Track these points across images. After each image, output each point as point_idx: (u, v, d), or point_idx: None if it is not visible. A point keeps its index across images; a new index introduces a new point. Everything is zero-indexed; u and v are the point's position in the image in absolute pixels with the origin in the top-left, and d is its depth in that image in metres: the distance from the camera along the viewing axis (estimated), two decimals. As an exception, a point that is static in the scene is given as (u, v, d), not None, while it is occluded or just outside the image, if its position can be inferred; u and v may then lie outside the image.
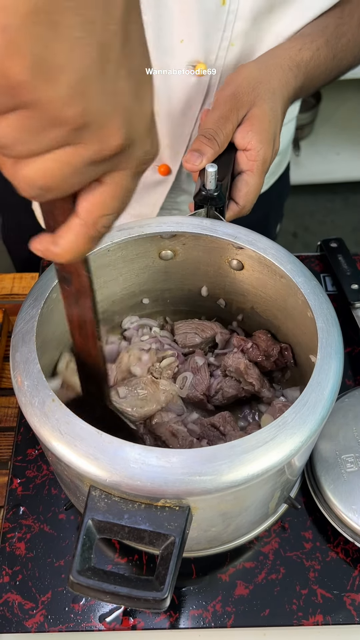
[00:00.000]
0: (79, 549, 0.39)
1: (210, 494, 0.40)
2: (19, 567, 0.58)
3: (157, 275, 0.62)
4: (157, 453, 0.41)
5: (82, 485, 0.44)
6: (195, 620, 0.55)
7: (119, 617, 0.55)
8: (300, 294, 0.52)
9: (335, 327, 0.50)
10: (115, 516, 0.40)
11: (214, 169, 0.56)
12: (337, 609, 0.55)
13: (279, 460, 0.42)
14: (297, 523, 0.60)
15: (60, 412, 0.43)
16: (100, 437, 0.41)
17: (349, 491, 0.57)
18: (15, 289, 0.84)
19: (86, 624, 0.55)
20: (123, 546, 0.59)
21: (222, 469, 0.40)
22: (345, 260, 0.80)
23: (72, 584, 0.38)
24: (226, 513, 0.47)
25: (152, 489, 0.40)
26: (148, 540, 0.40)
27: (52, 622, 0.55)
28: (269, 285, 0.57)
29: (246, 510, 0.49)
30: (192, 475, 0.40)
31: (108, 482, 0.40)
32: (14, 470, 0.64)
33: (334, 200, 2.19)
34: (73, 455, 0.41)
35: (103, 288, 0.60)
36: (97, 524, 0.40)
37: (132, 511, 0.40)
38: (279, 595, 0.56)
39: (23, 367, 0.46)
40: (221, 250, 0.58)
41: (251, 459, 0.41)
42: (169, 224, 0.56)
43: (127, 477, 0.40)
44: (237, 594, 0.56)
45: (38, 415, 0.43)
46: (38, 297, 0.50)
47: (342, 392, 0.66)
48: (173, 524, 0.40)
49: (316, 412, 0.44)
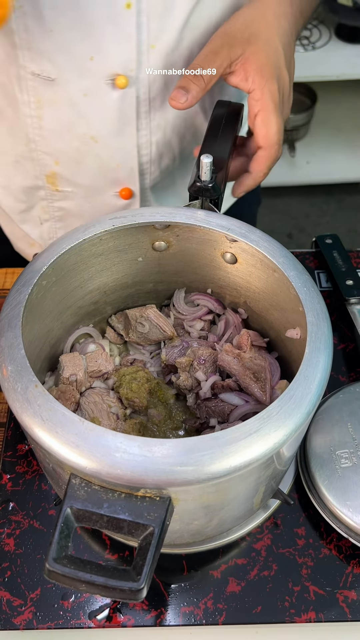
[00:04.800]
0: (56, 537, 0.38)
1: (191, 485, 0.40)
2: (7, 563, 0.57)
3: (150, 267, 0.61)
4: (139, 442, 0.40)
5: (63, 473, 0.43)
6: (186, 617, 0.54)
7: (109, 614, 0.54)
8: (292, 288, 0.51)
9: (325, 322, 0.49)
10: (94, 505, 0.40)
11: (209, 159, 0.55)
12: (329, 606, 0.55)
13: (262, 453, 0.41)
14: (290, 519, 0.60)
15: (43, 399, 0.42)
16: (82, 425, 0.41)
17: (343, 487, 0.57)
18: (7, 284, 0.83)
19: (75, 621, 0.54)
20: (114, 542, 0.58)
21: (204, 460, 0.40)
22: (340, 256, 0.79)
23: (47, 571, 0.38)
24: (209, 506, 0.46)
25: (132, 478, 0.39)
26: (127, 530, 0.39)
27: (40, 619, 0.54)
28: (262, 279, 0.57)
29: (229, 504, 0.48)
30: (173, 465, 0.40)
31: (88, 470, 0.40)
32: (4, 465, 0.63)
33: (329, 201, 2.19)
34: (54, 442, 0.41)
35: (94, 278, 0.59)
36: (75, 512, 0.40)
37: (111, 500, 0.40)
38: (272, 592, 0.56)
39: (7, 352, 0.45)
40: (215, 243, 0.57)
41: (234, 451, 0.41)
42: (162, 214, 0.55)
43: (107, 466, 0.39)
44: (229, 591, 0.56)
45: (20, 401, 0.43)
46: (26, 283, 0.50)
47: (337, 388, 0.66)
48: (153, 514, 0.39)
49: (302, 406, 0.44)
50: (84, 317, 0.63)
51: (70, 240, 0.53)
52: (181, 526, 0.48)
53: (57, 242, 0.53)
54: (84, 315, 0.62)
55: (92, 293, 0.60)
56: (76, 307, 0.61)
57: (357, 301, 0.74)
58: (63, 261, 0.53)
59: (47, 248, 0.53)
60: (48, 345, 0.59)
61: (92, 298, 0.61)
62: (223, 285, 0.62)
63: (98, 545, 0.58)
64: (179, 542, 0.53)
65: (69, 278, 0.56)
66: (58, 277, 0.54)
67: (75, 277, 0.57)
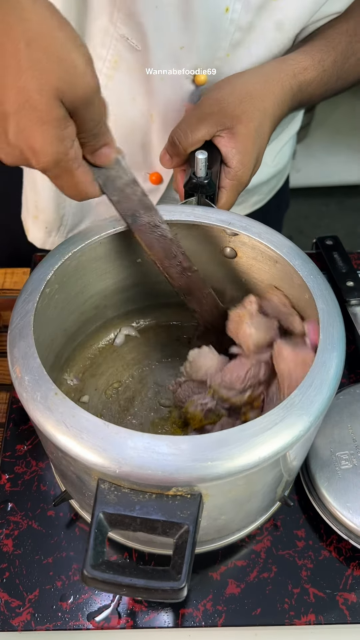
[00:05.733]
0: (92, 543, 0.38)
1: (222, 479, 0.40)
2: (5, 564, 0.57)
3: (150, 268, 0.61)
4: (166, 441, 0.40)
5: (89, 480, 0.43)
6: (185, 619, 0.54)
7: (108, 615, 0.54)
8: (297, 277, 0.51)
9: (336, 309, 0.49)
10: (126, 508, 0.39)
11: (204, 156, 0.55)
12: (329, 608, 0.55)
13: (289, 441, 0.41)
14: (290, 521, 0.59)
15: (65, 406, 0.42)
16: (107, 428, 0.41)
17: (343, 488, 0.57)
18: (6, 284, 0.83)
19: (74, 623, 0.54)
20: (113, 543, 0.58)
21: (233, 453, 0.40)
22: (340, 257, 0.79)
23: (86, 579, 0.37)
24: (236, 499, 0.46)
25: (162, 477, 0.39)
26: (161, 530, 0.39)
27: (39, 620, 0.54)
28: (263, 272, 0.57)
29: (255, 495, 0.48)
30: (203, 461, 0.39)
31: (118, 473, 0.39)
32: (3, 466, 0.63)
33: (329, 203, 2.19)
34: (80, 448, 0.40)
35: (95, 282, 0.59)
36: (108, 517, 0.39)
37: (143, 502, 0.40)
38: (271, 594, 0.55)
39: (22, 362, 0.45)
40: (214, 239, 0.57)
41: (262, 442, 0.41)
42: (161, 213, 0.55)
43: (136, 467, 0.39)
44: (228, 593, 0.55)
45: (41, 410, 0.42)
46: (32, 291, 0.49)
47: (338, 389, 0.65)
48: (186, 512, 0.39)
49: (322, 392, 0.44)
50: (85, 322, 0.63)
51: (71, 245, 0.53)
52: (209, 522, 0.47)
53: (58, 248, 0.53)
54: (85, 321, 0.62)
55: (93, 297, 0.60)
56: (78, 312, 0.60)
57: (357, 303, 0.74)
58: (65, 267, 0.53)
59: (48, 254, 0.53)
60: (53, 354, 0.58)
61: (93, 302, 0.61)
62: (224, 280, 0.62)
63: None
64: (204, 539, 0.53)
65: (70, 284, 0.56)
66: (60, 284, 0.54)
67: (77, 283, 0.57)
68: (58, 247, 0.53)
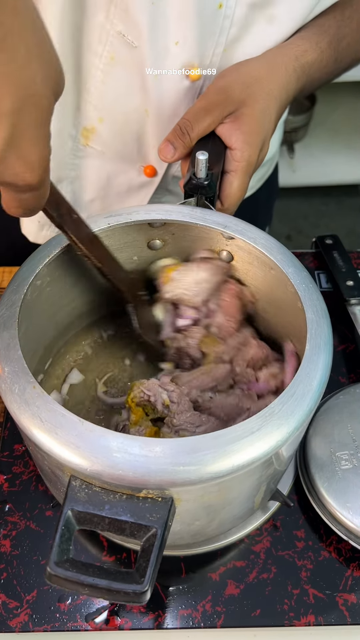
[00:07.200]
0: (57, 540, 0.38)
1: (194, 485, 0.39)
2: (3, 565, 0.56)
3: (145, 266, 0.61)
4: (140, 442, 0.40)
5: (62, 475, 0.43)
6: (184, 620, 0.54)
7: (106, 616, 0.54)
8: (290, 285, 0.50)
9: (325, 319, 0.49)
10: (95, 507, 0.39)
11: (205, 156, 0.55)
12: (329, 609, 0.54)
13: (265, 451, 0.41)
14: (289, 522, 0.59)
15: (41, 400, 0.42)
16: (82, 426, 0.40)
17: (343, 489, 0.56)
18: (4, 283, 0.83)
19: (72, 624, 0.53)
20: (111, 544, 0.57)
21: (207, 459, 0.39)
22: (340, 256, 0.79)
23: (49, 575, 0.37)
24: (210, 506, 0.45)
25: (134, 478, 0.39)
26: (129, 531, 0.39)
27: (37, 621, 0.53)
28: (258, 277, 0.56)
29: (230, 504, 0.47)
30: (175, 465, 0.39)
31: (89, 472, 0.39)
32: (0, 465, 0.62)
33: (328, 203, 2.18)
34: (53, 443, 0.40)
35: (89, 277, 0.58)
36: (76, 515, 0.39)
37: (113, 502, 0.39)
38: (270, 595, 0.55)
39: (4, 353, 0.44)
40: (211, 241, 0.57)
41: (236, 450, 0.40)
42: (158, 212, 0.55)
43: (108, 467, 0.39)
44: (228, 594, 0.55)
45: (18, 402, 0.42)
46: (21, 283, 0.49)
47: (337, 389, 0.65)
48: (155, 515, 0.39)
49: (304, 403, 0.43)
50: (77, 317, 0.62)
51: (64, 239, 0.53)
52: (182, 527, 0.47)
53: (51, 241, 0.53)
54: (77, 315, 0.62)
55: (87, 293, 0.60)
56: (70, 307, 0.60)
57: (357, 302, 0.73)
58: (58, 261, 0.53)
59: (41, 247, 0.53)
60: (42, 347, 0.58)
61: (87, 298, 0.61)
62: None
63: (95, 547, 0.58)
64: (180, 543, 0.52)
65: (63, 278, 0.56)
66: (53, 277, 0.53)
67: (70, 277, 0.57)
68: (50, 241, 0.53)
